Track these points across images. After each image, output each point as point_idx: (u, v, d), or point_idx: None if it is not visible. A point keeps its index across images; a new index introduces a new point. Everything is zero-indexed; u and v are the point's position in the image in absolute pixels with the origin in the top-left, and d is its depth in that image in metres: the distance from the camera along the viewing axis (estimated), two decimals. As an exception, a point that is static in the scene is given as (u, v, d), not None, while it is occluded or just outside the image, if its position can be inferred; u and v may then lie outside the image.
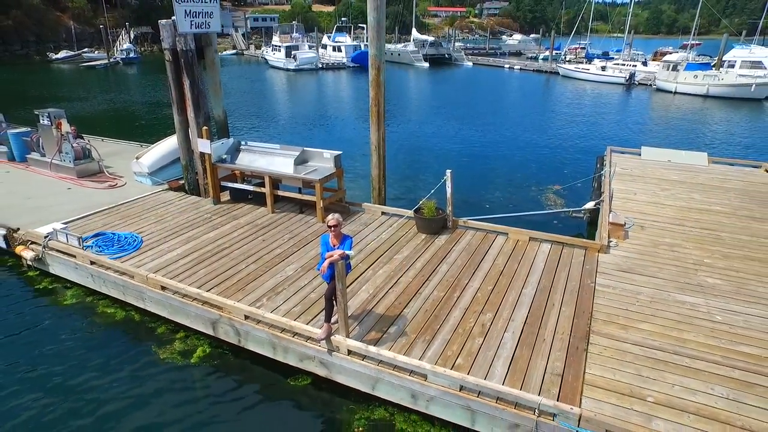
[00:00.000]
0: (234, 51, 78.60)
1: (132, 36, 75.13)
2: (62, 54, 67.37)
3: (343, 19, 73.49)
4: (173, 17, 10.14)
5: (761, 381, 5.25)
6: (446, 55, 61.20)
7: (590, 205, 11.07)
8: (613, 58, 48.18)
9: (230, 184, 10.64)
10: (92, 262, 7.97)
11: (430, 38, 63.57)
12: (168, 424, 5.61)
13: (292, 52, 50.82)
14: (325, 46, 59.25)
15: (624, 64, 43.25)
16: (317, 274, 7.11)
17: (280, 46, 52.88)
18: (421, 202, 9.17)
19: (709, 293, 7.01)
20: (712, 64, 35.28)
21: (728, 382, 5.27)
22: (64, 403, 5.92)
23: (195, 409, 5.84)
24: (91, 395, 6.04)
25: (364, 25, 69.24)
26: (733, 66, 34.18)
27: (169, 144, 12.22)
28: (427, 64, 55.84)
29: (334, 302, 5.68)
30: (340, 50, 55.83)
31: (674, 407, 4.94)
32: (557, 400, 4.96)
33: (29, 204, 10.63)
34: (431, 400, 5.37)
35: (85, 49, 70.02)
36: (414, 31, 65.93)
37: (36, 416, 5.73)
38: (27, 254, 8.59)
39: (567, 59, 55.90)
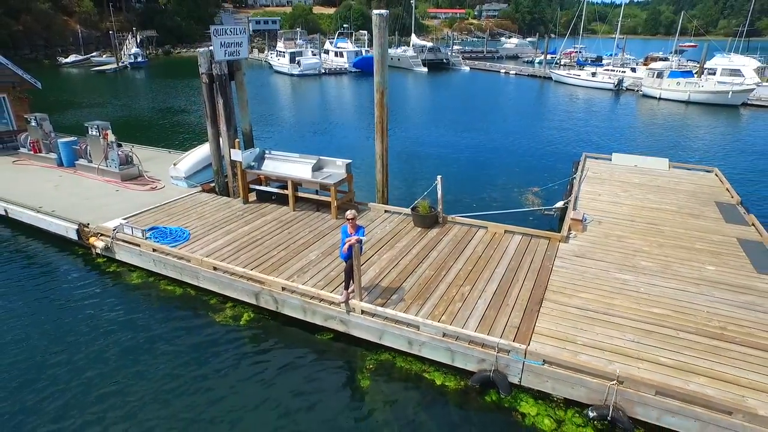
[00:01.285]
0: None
1: (138, 40, 76.97)
2: (71, 58, 69.32)
3: (344, 26, 75.41)
4: (210, 46, 12.14)
5: (659, 330, 7.27)
6: (444, 60, 63.26)
7: (560, 204, 13.10)
8: (602, 64, 50.14)
9: (257, 187, 12.64)
10: (154, 249, 9.99)
11: (429, 44, 65.64)
12: (226, 369, 7.59)
13: (297, 58, 52.87)
14: (327, 52, 61.28)
15: (613, 70, 45.29)
16: (336, 257, 9.14)
17: (284, 52, 54.93)
18: (416, 202, 11.20)
19: (640, 272, 9.03)
20: (694, 72, 37.27)
21: (637, 331, 7.28)
22: (142, 354, 7.92)
23: (245, 357, 7.83)
24: (165, 348, 8.04)
25: (365, 31, 71.46)
26: (714, 73, 36.21)
27: (202, 152, 14.24)
28: (425, 69, 57.89)
29: (351, 275, 7.69)
30: (342, 56, 57.88)
31: (596, 347, 6.94)
32: (512, 341, 6.98)
33: (87, 204, 12.62)
34: (422, 345, 7.38)
35: (94, 54, 71.98)
36: (413, 36, 68.01)
37: (120, 359, 7.74)
38: (98, 244, 10.61)
39: (562, 63, 57.96)
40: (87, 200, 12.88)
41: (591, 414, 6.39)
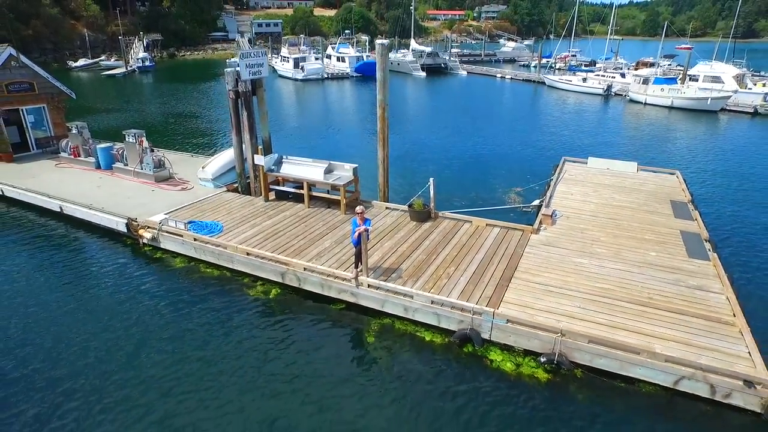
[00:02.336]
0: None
1: (145, 43, 78.94)
2: (81, 62, 71.41)
3: (346, 31, 77.45)
4: (237, 67, 14.17)
5: (603, 300, 9.31)
6: (443, 65, 65.30)
7: (537, 202, 15.16)
8: (593, 70, 52.17)
9: (276, 187, 14.70)
10: (195, 239, 12.04)
11: (428, 49, 67.62)
12: (258, 329, 9.62)
13: (300, 64, 54.93)
14: (329, 57, 63.32)
15: (604, 76, 47.36)
16: (346, 245, 11.20)
17: (288, 58, 56.98)
18: (412, 200, 13.26)
19: (594, 257, 11.08)
20: (678, 78, 39.30)
21: (585, 301, 9.32)
22: (190, 313, 9.97)
23: (274, 321, 9.86)
24: (208, 308, 10.10)
25: (366, 36, 73.51)
26: (696, 80, 38.25)
27: (226, 156, 16.31)
28: (424, 74, 59.96)
29: (360, 257, 9.74)
30: (344, 61, 59.93)
31: (550, 312, 8.98)
32: (485, 307, 9.02)
33: (129, 202, 14.66)
34: (415, 310, 9.44)
35: (102, 57, 73.98)
36: (413, 41, 70.13)
37: (172, 315, 9.79)
38: (146, 235, 12.66)
39: (557, 67, 60.05)
40: (128, 199, 14.93)
41: (542, 359, 8.43)
